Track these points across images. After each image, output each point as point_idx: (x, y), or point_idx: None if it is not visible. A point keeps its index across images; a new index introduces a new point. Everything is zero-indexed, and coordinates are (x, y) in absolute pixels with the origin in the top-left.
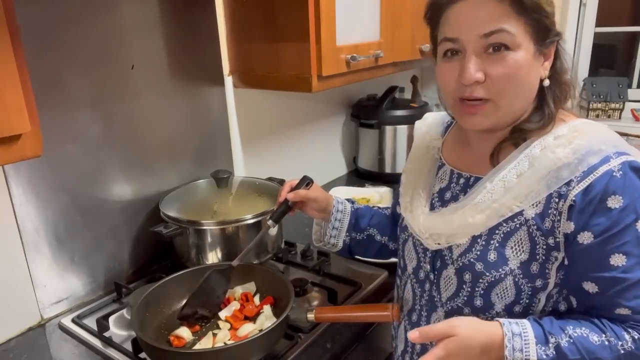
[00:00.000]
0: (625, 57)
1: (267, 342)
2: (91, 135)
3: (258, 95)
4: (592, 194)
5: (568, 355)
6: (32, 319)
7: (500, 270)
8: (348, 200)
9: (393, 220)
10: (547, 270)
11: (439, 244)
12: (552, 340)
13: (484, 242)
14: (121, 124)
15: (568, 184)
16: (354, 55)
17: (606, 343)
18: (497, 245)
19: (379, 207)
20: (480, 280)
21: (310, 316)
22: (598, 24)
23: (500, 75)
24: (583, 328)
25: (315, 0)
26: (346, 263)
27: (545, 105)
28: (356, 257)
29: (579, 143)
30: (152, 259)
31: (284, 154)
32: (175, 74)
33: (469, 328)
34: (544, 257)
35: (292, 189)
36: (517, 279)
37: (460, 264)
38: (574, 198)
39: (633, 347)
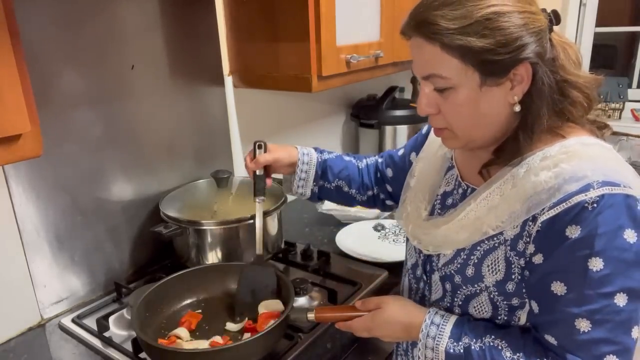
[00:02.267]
0: (625, 57)
1: (267, 342)
2: (91, 135)
3: (258, 95)
4: (557, 224)
5: (474, 357)
6: (32, 319)
7: (475, 285)
8: (317, 150)
9: (366, 174)
10: (523, 290)
11: (428, 250)
12: (464, 340)
13: (465, 256)
14: (121, 124)
15: (543, 208)
16: (354, 55)
17: None
18: (475, 261)
19: (355, 158)
20: (459, 292)
21: (310, 316)
22: (598, 24)
23: (447, 111)
24: (503, 341)
25: (315, 0)
26: (346, 263)
27: (520, 132)
28: (353, 256)
29: (564, 167)
30: (152, 259)
31: None
32: (175, 74)
33: (396, 306)
34: (519, 277)
35: (252, 160)
36: (492, 296)
37: (443, 273)
38: (540, 224)
39: None
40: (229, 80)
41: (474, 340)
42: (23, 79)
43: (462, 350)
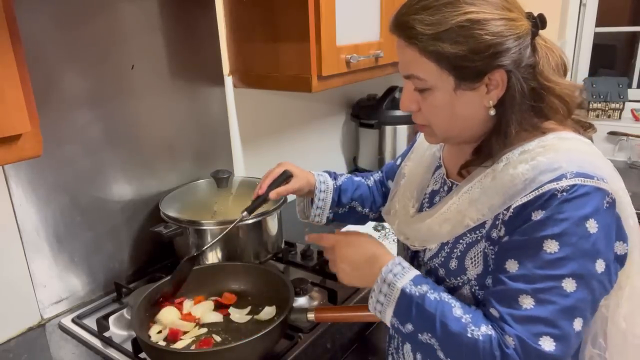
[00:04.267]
0: (625, 57)
1: (267, 342)
2: (91, 135)
3: (258, 95)
4: (526, 209)
5: (425, 304)
6: (32, 319)
7: (458, 278)
8: (329, 173)
9: (376, 191)
10: None
11: (414, 245)
12: (423, 287)
13: (448, 250)
14: (121, 124)
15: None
16: (354, 55)
17: (462, 320)
18: (459, 254)
19: (362, 177)
20: (442, 286)
21: (310, 316)
22: (598, 24)
23: (426, 111)
24: (457, 302)
25: (315, 0)
26: None
27: (493, 136)
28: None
29: (540, 160)
30: (152, 259)
31: (284, 154)
32: (175, 74)
33: (373, 239)
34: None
35: (272, 184)
36: (473, 290)
37: (429, 267)
38: (512, 210)
39: (480, 338)
40: (229, 80)
41: (432, 290)
42: (23, 79)
43: (417, 293)
